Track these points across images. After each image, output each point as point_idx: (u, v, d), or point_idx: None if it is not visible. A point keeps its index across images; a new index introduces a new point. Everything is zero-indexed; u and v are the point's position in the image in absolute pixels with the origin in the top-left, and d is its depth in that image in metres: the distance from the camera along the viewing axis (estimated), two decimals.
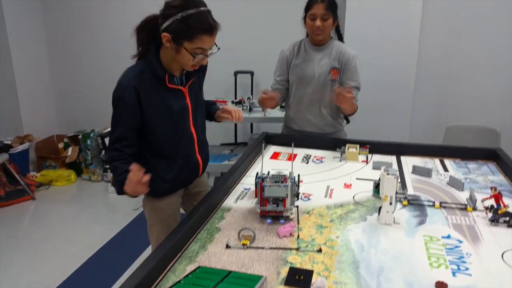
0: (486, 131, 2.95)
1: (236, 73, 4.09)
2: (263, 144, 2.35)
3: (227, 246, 1.35)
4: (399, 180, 1.46)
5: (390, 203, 1.45)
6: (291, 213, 1.53)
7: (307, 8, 2.29)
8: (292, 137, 2.36)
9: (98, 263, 2.99)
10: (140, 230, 3.40)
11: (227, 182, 1.82)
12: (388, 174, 1.42)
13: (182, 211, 1.98)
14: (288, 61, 2.45)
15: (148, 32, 1.63)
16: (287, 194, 1.46)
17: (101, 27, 4.51)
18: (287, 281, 1.16)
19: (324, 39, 2.36)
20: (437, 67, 3.69)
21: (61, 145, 4.68)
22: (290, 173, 1.53)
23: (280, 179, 1.49)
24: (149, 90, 1.61)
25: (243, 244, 1.34)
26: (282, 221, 1.51)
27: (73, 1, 4.50)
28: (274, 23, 3.74)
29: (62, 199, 4.09)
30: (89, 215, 3.72)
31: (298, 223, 1.51)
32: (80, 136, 4.49)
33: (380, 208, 1.50)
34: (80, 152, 4.52)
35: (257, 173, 1.59)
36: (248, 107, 3.46)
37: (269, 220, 1.52)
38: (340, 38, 2.50)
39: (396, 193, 1.46)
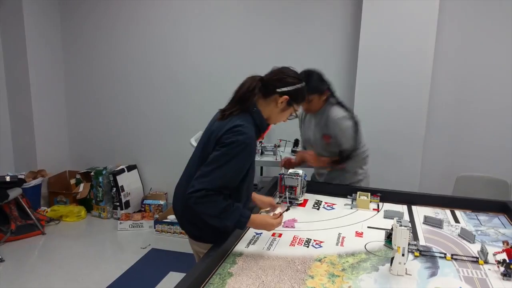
0: (497, 182, 2.96)
1: None
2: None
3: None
4: (411, 231, 1.48)
5: (403, 254, 1.46)
6: (301, 200, 2.26)
7: None
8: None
9: None
10: (148, 269, 3.39)
11: None
12: (401, 225, 1.45)
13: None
14: (300, 119, 2.63)
15: (246, 91, 1.75)
16: (297, 184, 2.20)
17: (117, 71, 4.69)
18: None
19: (315, 111, 2.43)
20: (448, 115, 3.75)
21: (73, 181, 4.74)
22: (299, 174, 2.24)
23: (294, 174, 2.24)
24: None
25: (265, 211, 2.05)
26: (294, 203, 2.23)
27: (92, 44, 4.72)
28: None
29: (71, 235, 4.10)
30: (97, 252, 3.72)
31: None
32: (92, 173, 4.56)
33: (392, 258, 1.51)
34: (92, 188, 4.56)
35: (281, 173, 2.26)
36: (260, 150, 3.52)
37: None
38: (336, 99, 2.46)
39: (409, 244, 1.47)
